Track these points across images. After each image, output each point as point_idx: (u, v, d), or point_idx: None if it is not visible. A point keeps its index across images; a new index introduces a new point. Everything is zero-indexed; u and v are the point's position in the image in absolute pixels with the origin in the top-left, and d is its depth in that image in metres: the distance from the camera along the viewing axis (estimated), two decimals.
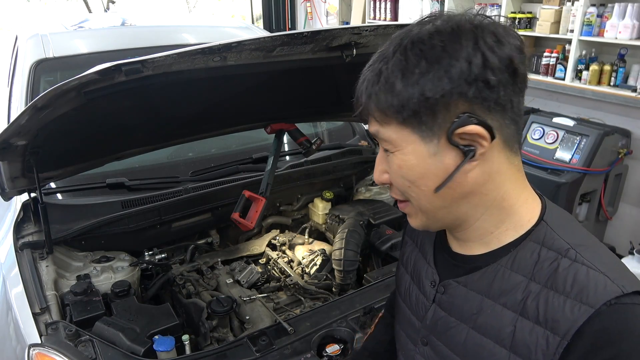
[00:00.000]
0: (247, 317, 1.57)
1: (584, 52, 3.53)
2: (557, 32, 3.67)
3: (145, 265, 1.75)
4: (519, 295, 0.70)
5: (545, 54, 3.80)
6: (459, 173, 0.69)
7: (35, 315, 1.34)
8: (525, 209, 0.75)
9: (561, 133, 3.30)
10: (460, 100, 0.66)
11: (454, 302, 0.79)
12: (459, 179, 0.70)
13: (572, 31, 3.51)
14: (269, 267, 1.97)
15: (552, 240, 0.71)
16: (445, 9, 4.42)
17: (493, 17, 0.70)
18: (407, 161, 0.71)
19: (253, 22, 7.65)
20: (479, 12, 0.69)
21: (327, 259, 1.90)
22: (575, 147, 3.20)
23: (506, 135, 0.70)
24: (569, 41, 3.56)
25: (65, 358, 1.21)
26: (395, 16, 5.19)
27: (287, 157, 2.31)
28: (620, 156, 3.29)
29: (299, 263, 1.96)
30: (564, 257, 0.69)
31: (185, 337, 1.38)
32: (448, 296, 0.81)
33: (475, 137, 0.67)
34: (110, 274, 1.62)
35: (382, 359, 1.12)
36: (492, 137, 0.68)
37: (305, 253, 1.99)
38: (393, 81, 0.67)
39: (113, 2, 5.79)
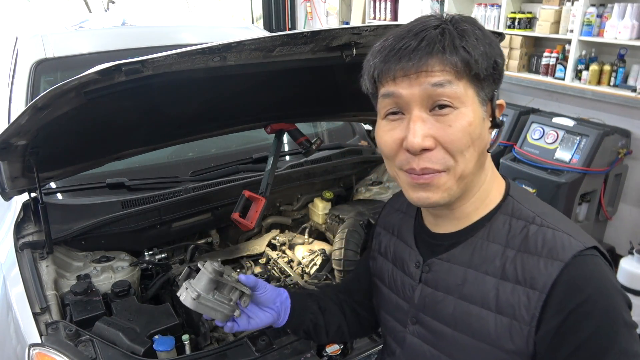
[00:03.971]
0: None
1: (583, 52, 3.53)
2: (557, 32, 3.67)
3: (145, 265, 1.75)
4: (498, 261, 0.79)
5: (545, 54, 3.80)
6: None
7: (35, 315, 1.33)
8: (495, 189, 0.85)
9: (561, 133, 3.30)
10: (501, 78, 0.78)
11: (439, 278, 0.86)
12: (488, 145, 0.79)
13: (572, 31, 3.52)
14: (269, 267, 1.96)
15: (519, 211, 0.82)
16: (445, 9, 4.43)
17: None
18: (473, 119, 0.75)
19: (253, 22, 7.64)
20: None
21: (327, 258, 1.90)
22: (575, 147, 3.20)
23: None
24: (569, 41, 3.56)
25: (65, 358, 1.21)
26: (395, 16, 5.19)
27: (287, 157, 2.31)
28: (620, 156, 3.29)
29: (299, 263, 1.96)
30: (531, 223, 0.79)
31: (185, 337, 1.38)
32: (433, 273, 0.88)
33: (501, 110, 0.80)
34: (110, 273, 1.62)
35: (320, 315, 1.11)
36: None
37: (305, 253, 1.98)
38: (474, 42, 0.73)
39: (113, 2, 5.79)
